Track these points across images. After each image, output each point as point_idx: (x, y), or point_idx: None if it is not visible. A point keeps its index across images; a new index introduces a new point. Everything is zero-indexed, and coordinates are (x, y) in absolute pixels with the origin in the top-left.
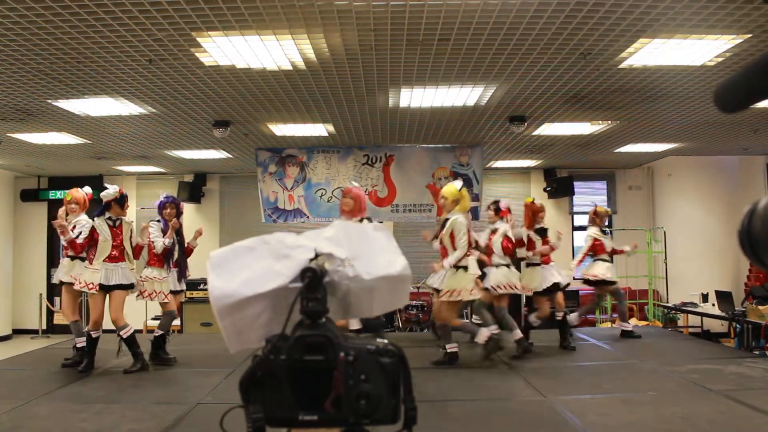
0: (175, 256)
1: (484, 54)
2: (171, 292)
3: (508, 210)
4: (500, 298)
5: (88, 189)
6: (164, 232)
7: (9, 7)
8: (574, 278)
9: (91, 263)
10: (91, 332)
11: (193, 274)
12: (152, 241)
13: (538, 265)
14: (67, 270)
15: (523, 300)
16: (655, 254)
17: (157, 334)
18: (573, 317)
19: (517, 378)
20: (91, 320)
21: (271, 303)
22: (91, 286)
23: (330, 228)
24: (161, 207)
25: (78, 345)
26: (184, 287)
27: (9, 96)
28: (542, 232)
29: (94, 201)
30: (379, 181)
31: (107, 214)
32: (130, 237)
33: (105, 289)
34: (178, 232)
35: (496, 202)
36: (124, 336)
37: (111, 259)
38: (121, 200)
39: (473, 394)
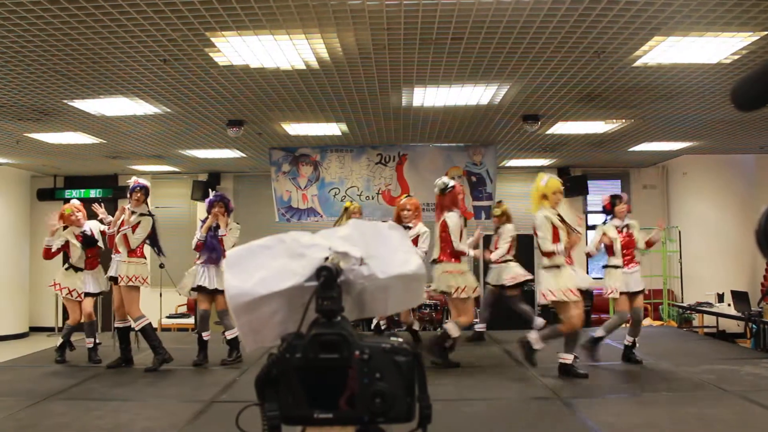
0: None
1: (497, 53)
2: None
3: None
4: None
5: (75, 201)
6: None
7: (26, 8)
8: None
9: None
10: (117, 323)
11: None
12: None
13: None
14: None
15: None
16: (669, 253)
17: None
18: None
19: (531, 378)
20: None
21: (286, 301)
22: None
23: (345, 227)
24: (210, 205)
25: (88, 345)
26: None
27: (26, 96)
28: None
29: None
30: (392, 180)
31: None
32: (130, 228)
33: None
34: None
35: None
36: (137, 328)
37: (116, 251)
38: (146, 192)
39: (487, 393)
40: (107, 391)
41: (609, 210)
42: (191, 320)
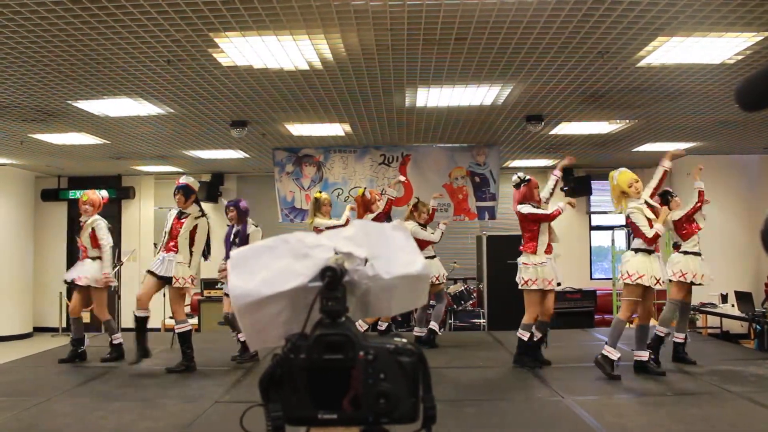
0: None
1: (500, 53)
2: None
3: None
4: None
5: (104, 192)
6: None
7: (30, 9)
8: None
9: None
10: (135, 311)
11: (209, 274)
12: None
13: None
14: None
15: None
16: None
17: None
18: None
19: (534, 378)
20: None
21: (290, 302)
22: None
23: (349, 227)
24: (226, 210)
25: (114, 342)
26: None
27: (30, 97)
28: None
29: (111, 201)
30: None
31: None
32: (192, 232)
33: (155, 276)
34: (240, 230)
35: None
36: (177, 331)
37: (167, 249)
38: (185, 192)
39: (490, 394)
40: (110, 391)
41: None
42: (195, 320)
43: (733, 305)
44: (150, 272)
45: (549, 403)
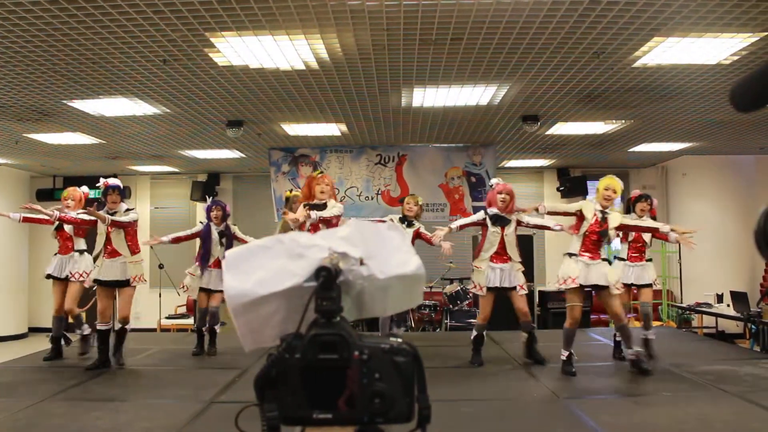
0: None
1: (497, 53)
2: (204, 290)
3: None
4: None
5: (85, 188)
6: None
7: (25, 8)
8: None
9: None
10: (98, 325)
11: None
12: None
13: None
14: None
15: (536, 299)
16: (669, 254)
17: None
18: None
19: (530, 378)
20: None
21: (285, 302)
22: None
23: (344, 227)
24: (208, 210)
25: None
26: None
27: (25, 96)
28: None
29: (92, 200)
30: (392, 180)
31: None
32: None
33: (108, 285)
34: (226, 232)
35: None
36: (129, 328)
37: (109, 255)
38: (121, 192)
39: (486, 393)
40: (106, 391)
41: (632, 203)
42: (190, 320)
43: (728, 305)
44: (99, 281)
45: (545, 403)
